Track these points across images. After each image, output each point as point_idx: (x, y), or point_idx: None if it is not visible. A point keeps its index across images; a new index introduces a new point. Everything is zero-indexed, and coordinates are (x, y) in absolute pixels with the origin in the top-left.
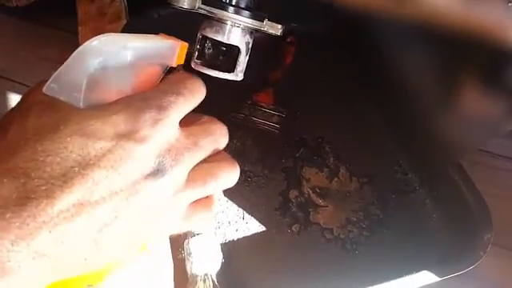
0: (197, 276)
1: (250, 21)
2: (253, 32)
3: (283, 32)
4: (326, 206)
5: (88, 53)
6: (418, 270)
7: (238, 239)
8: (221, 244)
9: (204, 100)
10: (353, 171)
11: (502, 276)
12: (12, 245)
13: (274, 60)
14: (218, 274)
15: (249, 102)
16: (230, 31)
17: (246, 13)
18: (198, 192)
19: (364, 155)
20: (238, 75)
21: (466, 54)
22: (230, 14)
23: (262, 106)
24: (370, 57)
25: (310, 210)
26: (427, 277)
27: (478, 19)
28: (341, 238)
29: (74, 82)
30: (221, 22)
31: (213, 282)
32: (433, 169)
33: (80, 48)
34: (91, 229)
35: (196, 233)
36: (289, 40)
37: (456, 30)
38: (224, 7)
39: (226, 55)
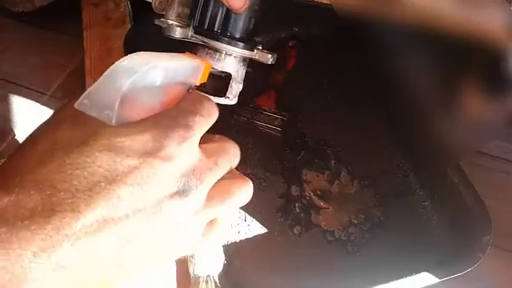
0: (199, 277)
1: (240, 50)
2: (246, 59)
3: (285, 36)
4: (328, 208)
5: (121, 72)
6: (417, 272)
7: (240, 241)
8: (223, 246)
9: None
10: (354, 174)
11: (501, 277)
12: (34, 256)
13: (275, 64)
14: (220, 276)
15: (251, 106)
16: (223, 59)
17: (237, 43)
18: (217, 210)
19: (365, 158)
20: (231, 100)
21: (466, 56)
22: (220, 44)
23: (263, 110)
24: (371, 60)
25: (312, 212)
26: (427, 278)
27: (479, 22)
28: (342, 239)
29: (106, 99)
30: (215, 49)
31: (215, 283)
32: (433, 171)
33: (112, 67)
34: (113, 245)
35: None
36: (290, 44)
37: (457, 33)
38: (214, 37)
39: (219, 80)
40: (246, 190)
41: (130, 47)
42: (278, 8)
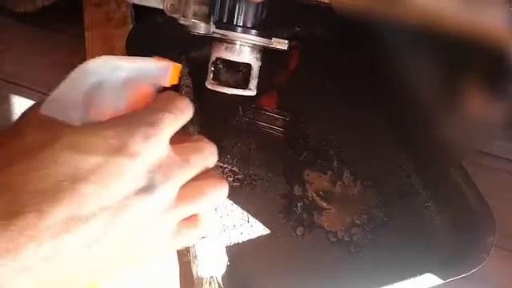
0: (203, 278)
1: (259, 39)
2: (261, 49)
3: (288, 36)
4: (330, 209)
5: (83, 74)
6: (421, 273)
7: (242, 242)
8: (226, 247)
9: (210, 105)
10: (356, 174)
11: (505, 278)
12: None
13: (278, 64)
14: (224, 277)
15: (253, 106)
16: (241, 50)
17: (256, 33)
18: (188, 209)
19: (367, 158)
20: (252, 90)
21: (468, 56)
22: (242, 35)
23: (266, 110)
24: (373, 60)
25: (314, 212)
26: (430, 279)
27: (480, 22)
28: (345, 240)
29: (69, 101)
30: (232, 43)
31: (218, 284)
32: (436, 171)
33: (75, 69)
34: (80, 244)
35: (202, 236)
36: (293, 44)
37: (460, 32)
38: (235, 29)
39: (238, 73)
40: (220, 191)
41: (132, 47)
42: (280, 8)
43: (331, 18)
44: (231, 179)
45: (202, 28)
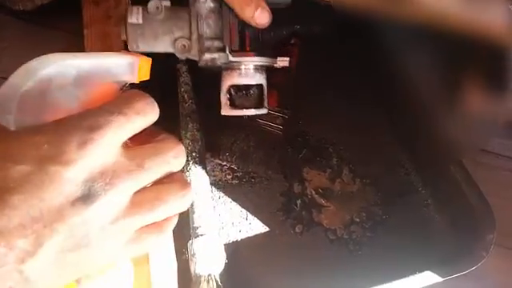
0: (200, 276)
1: (267, 59)
2: (267, 68)
3: (287, 34)
4: (329, 207)
5: (22, 74)
6: (420, 271)
7: (241, 240)
8: (224, 244)
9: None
10: (356, 172)
11: (504, 276)
12: None
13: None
14: (222, 275)
15: None
16: (253, 73)
17: (265, 55)
18: (144, 218)
19: (367, 156)
20: (266, 107)
21: (468, 54)
22: (255, 59)
23: None
24: (373, 58)
25: (313, 210)
26: (430, 277)
27: (481, 20)
28: (344, 238)
29: (6, 103)
30: (244, 68)
31: (216, 282)
32: (436, 169)
33: (17, 69)
34: (12, 258)
35: (200, 233)
36: (292, 41)
37: (458, 31)
38: (249, 55)
39: (250, 94)
40: (181, 197)
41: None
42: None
43: (331, 15)
44: (230, 177)
45: (221, 59)
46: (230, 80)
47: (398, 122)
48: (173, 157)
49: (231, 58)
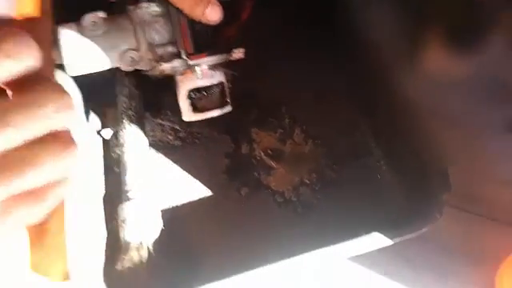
0: (130, 244)
1: (225, 56)
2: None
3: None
4: (279, 169)
5: None
6: (369, 233)
7: (181, 205)
8: (162, 210)
9: None
10: (308, 132)
11: (456, 239)
12: None
13: (228, 15)
14: (157, 243)
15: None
16: (214, 72)
17: (223, 52)
18: (11, 184)
19: (321, 117)
20: (229, 103)
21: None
22: (213, 58)
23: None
24: (333, 13)
25: (261, 172)
26: (380, 240)
27: None
28: (292, 200)
29: None
30: (201, 69)
31: (148, 250)
32: (391, 130)
33: None
34: None
35: (131, 197)
36: None
37: None
38: (208, 55)
39: (211, 94)
40: (60, 160)
41: None
42: None
43: None
44: (171, 137)
45: (180, 67)
46: (188, 84)
47: (356, 83)
48: (54, 111)
49: (190, 63)
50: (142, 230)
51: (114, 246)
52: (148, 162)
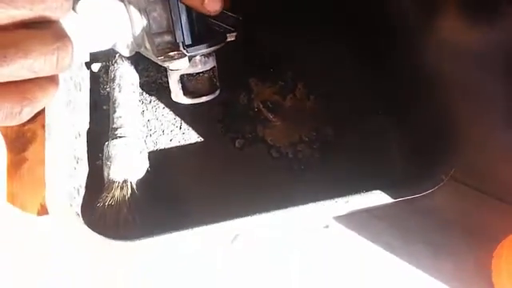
0: (114, 182)
1: (218, 45)
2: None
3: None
4: (276, 123)
5: None
6: (369, 190)
7: (171, 149)
8: (149, 152)
9: None
10: (311, 88)
11: (453, 214)
12: None
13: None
14: (142, 183)
15: None
16: (210, 59)
17: (215, 42)
18: None
19: (326, 74)
20: (219, 87)
21: None
22: (210, 49)
23: None
24: None
25: (258, 124)
26: (380, 197)
27: None
28: (288, 157)
29: None
30: (201, 56)
31: (132, 189)
32: (396, 85)
33: None
34: None
35: (118, 135)
36: None
37: None
38: (206, 46)
39: (202, 78)
40: (52, 50)
41: None
42: None
43: None
44: (166, 79)
45: (180, 62)
46: (181, 70)
47: (368, 44)
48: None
49: (188, 54)
50: (127, 168)
51: (97, 184)
52: (139, 102)
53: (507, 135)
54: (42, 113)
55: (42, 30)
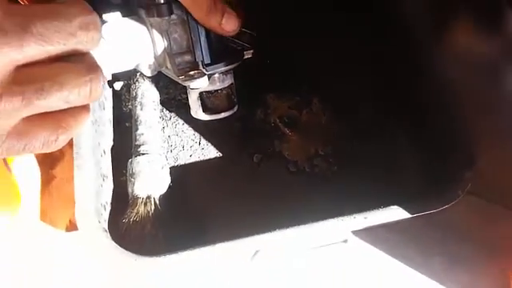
0: (138, 198)
1: (236, 63)
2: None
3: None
4: (293, 137)
5: None
6: (386, 206)
7: (190, 164)
8: (171, 168)
9: None
10: (326, 102)
11: (471, 228)
12: None
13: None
14: (164, 198)
15: None
16: (228, 76)
17: (233, 60)
18: (31, 101)
19: (342, 86)
20: (236, 103)
21: None
22: (229, 67)
23: None
24: None
25: (275, 139)
26: (398, 213)
27: None
28: (306, 171)
29: None
30: (220, 74)
31: (155, 205)
32: (415, 101)
33: None
34: None
35: (141, 152)
36: None
37: None
38: (224, 65)
39: (220, 94)
40: (85, 82)
41: None
42: None
43: None
44: (185, 96)
45: (201, 81)
46: (200, 89)
47: (382, 58)
48: (79, 26)
49: (207, 73)
50: (151, 184)
51: (121, 200)
52: (160, 118)
53: None
54: None
55: (75, 62)
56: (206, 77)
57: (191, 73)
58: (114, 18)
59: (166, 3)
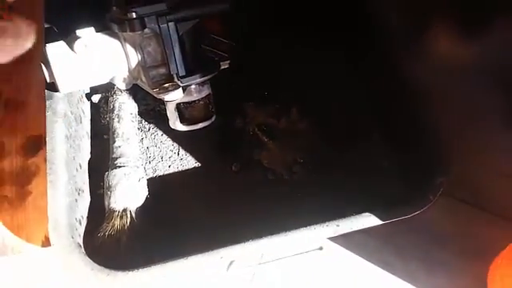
0: (114, 211)
1: (211, 74)
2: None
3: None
4: (271, 145)
5: None
6: (360, 213)
7: (169, 174)
8: (149, 179)
9: None
10: (305, 111)
11: (449, 229)
12: None
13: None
14: (141, 210)
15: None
16: (205, 87)
17: (208, 71)
18: None
19: (320, 95)
20: (214, 113)
21: None
22: (205, 78)
23: (210, 32)
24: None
25: (254, 148)
26: (370, 220)
27: None
28: (284, 178)
29: None
30: (197, 85)
31: (132, 218)
32: (392, 108)
33: None
34: None
35: (118, 165)
36: None
37: None
38: (200, 76)
39: (197, 105)
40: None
41: None
42: None
43: None
44: (164, 107)
45: (175, 93)
46: (177, 100)
47: (363, 67)
48: None
49: (182, 85)
50: (127, 197)
51: (99, 213)
52: (138, 130)
53: (499, 150)
54: (44, 147)
55: None
56: (181, 89)
57: (166, 85)
58: (87, 33)
59: (139, 18)
